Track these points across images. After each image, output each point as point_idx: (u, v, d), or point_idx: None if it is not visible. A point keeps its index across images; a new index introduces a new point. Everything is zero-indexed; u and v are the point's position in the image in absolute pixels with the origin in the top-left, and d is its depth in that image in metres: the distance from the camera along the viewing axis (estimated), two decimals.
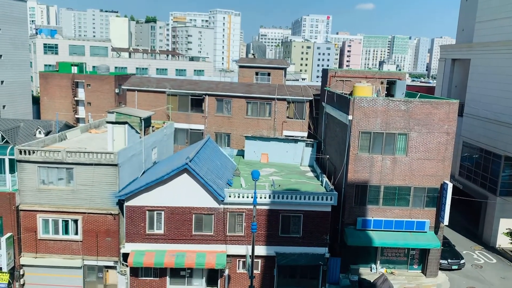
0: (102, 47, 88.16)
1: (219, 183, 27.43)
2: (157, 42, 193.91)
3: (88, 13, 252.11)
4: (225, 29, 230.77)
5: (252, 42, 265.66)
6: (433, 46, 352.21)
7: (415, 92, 36.12)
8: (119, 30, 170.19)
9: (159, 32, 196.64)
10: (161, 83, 43.56)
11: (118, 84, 59.71)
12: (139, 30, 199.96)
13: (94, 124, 37.38)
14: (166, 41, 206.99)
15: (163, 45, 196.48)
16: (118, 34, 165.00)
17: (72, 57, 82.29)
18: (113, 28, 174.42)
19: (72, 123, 58.26)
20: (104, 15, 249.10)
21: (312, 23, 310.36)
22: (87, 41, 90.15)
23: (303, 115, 41.61)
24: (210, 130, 42.52)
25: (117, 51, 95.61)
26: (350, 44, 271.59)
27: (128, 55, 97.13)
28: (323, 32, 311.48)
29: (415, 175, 28.12)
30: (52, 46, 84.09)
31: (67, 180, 26.23)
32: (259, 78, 48.30)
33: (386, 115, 27.51)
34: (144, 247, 26.59)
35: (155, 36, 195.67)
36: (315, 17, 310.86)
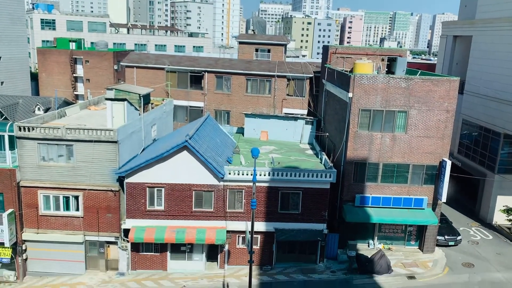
0: (100, 22, 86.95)
1: (219, 160, 27.55)
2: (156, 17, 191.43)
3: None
4: (225, 5, 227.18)
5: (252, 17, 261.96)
6: (435, 23, 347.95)
7: (416, 69, 35.90)
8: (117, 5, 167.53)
9: (157, 8, 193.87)
10: (160, 60, 43.20)
11: (117, 61, 59.17)
12: (137, 5, 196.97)
13: (93, 101, 37.25)
14: (165, 16, 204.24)
15: (162, 21, 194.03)
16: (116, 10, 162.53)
17: (70, 33, 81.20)
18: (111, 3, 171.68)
19: (71, 99, 57.97)
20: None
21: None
22: (85, 16, 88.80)
23: (303, 92, 41.43)
24: (209, 107, 42.40)
25: (116, 27, 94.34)
26: (351, 21, 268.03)
27: (126, 31, 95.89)
28: (324, 8, 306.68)
29: (414, 152, 28.21)
30: (49, 21, 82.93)
31: (67, 157, 26.31)
32: (259, 55, 47.85)
33: (386, 93, 27.41)
34: (145, 223, 26.90)
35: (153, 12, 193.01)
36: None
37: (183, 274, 27.39)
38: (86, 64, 59.88)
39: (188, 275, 27.35)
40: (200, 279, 26.97)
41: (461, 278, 27.08)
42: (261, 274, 27.45)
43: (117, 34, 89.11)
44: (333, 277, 27.12)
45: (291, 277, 27.17)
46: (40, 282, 26.97)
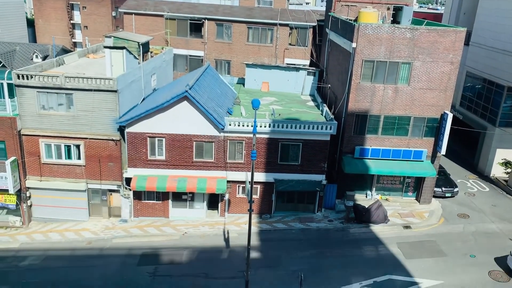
0: None
1: (219, 111, 27.43)
2: None
3: None
4: None
5: None
6: None
7: (422, 19, 34.89)
8: None
9: None
10: (159, 6, 41.97)
11: (115, 7, 57.54)
12: None
13: (91, 49, 36.58)
14: None
15: None
16: None
17: None
18: None
19: (69, 47, 56.98)
20: None
21: None
22: None
23: (305, 42, 40.55)
24: (210, 56, 41.69)
25: None
26: None
27: None
28: None
29: (416, 105, 28.03)
30: None
31: (67, 106, 26.18)
32: (261, 1, 46.46)
33: (391, 43, 26.81)
34: (146, 172, 27.23)
35: None
36: None
37: (184, 222, 28.10)
38: (83, 10, 58.31)
39: (190, 222, 28.05)
40: (201, 226, 27.69)
41: (455, 228, 27.76)
42: (261, 222, 28.14)
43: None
44: (330, 226, 27.82)
45: (289, 225, 27.87)
46: (45, 227, 27.73)
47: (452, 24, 42.05)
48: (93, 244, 25.85)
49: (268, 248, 25.43)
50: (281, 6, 44.75)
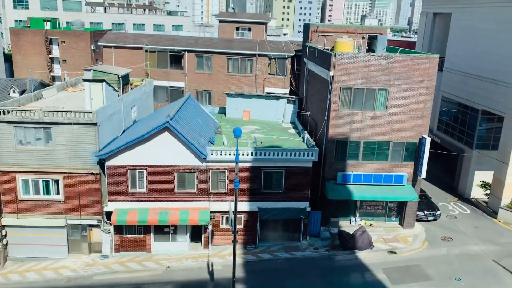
0: (75, 1, 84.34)
1: (201, 141, 27.38)
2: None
3: None
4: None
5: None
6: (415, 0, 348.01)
7: (396, 47, 35.96)
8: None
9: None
10: (138, 39, 42.30)
11: (94, 41, 57.72)
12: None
13: (70, 83, 36.40)
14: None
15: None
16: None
17: (44, 12, 78.66)
18: None
19: (47, 81, 56.53)
20: None
21: None
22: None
23: (284, 71, 41.24)
24: (190, 87, 41.92)
25: (92, 5, 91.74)
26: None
27: (103, 9, 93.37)
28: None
29: (394, 130, 28.51)
30: (22, 0, 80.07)
31: (45, 140, 25.76)
32: (240, 34, 47.30)
33: (367, 71, 27.46)
34: (127, 206, 26.72)
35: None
36: None
37: (167, 255, 27.46)
38: (62, 45, 58.27)
39: (172, 256, 27.43)
40: (185, 259, 27.10)
41: (439, 251, 27.83)
42: (245, 253, 27.71)
43: (93, 13, 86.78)
44: (316, 254, 27.56)
45: (275, 255, 27.50)
46: (22, 267, 26.71)
47: (426, 51, 43.44)
48: (73, 283, 24.95)
49: (254, 279, 24.96)
50: (260, 37, 45.63)
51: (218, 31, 48.20)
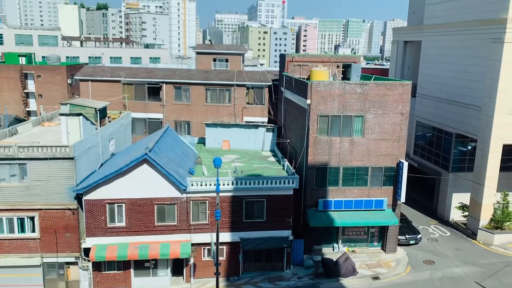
0: (51, 36, 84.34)
1: (180, 172, 27.17)
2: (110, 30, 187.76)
3: (34, 1, 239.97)
4: (180, 15, 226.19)
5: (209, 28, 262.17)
6: (386, 29, 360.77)
7: (370, 74, 37.00)
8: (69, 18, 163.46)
9: (111, 20, 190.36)
10: (115, 72, 42.31)
11: (71, 75, 57.45)
12: (90, 17, 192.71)
13: (46, 117, 35.91)
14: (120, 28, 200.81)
15: (116, 33, 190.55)
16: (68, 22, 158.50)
17: (19, 47, 78.19)
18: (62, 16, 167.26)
19: (22, 116, 55.69)
20: (52, 2, 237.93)
21: (268, 8, 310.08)
22: (34, 30, 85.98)
23: (262, 100, 41.72)
24: (169, 118, 41.87)
25: (68, 40, 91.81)
26: (306, 29, 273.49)
27: (79, 44, 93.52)
28: (279, 17, 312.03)
29: (372, 155, 28.95)
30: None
31: (20, 176, 25.14)
32: (217, 65, 47.87)
33: (343, 98, 28.05)
34: (106, 241, 26.05)
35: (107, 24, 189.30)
36: (271, 2, 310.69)
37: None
38: (37, 79, 57.74)
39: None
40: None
41: (422, 275, 27.88)
42: (228, 285, 27.18)
43: (69, 48, 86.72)
44: (300, 283, 27.23)
45: (259, 286, 27.03)
46: None
47: (398, 78, 44.78)
48: None
49: None
50: (237, 68, 46.28)
51: (195, 63, 48.67)
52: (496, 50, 30.34)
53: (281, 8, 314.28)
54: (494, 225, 32.29)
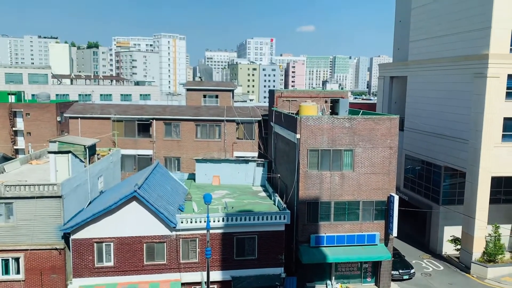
0: (41, 74, 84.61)
1: (170, 209, 26.82)
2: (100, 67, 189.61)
3: (25, 40, 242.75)
4: (171, 53, 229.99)
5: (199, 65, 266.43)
6: (372, 65, 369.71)
7: (358, 109, 37.55)
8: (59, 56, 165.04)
9: (102, 58, 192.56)
10: (105, 109, 42.40)
11: (60, 112, 57.44)
12: (80, 56, 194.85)
13: (35, 155, 35.56)
14: (110, 66, 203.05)
15: (107, 71, 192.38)
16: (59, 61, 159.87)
17: (9, 85, 78.22)
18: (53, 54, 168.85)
19: (10, 155, 55.04)
20: (43, 41, 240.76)
21: (256, 45, 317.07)
22: (25, 68, 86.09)
23: (252, 135, 41.92)
24: (159, 155, 41.73)
25: (58, 78, 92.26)
26: (294, 65, 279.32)
27: (70, 81, 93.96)
28: (268, 54, 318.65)
29: (363, 189, 28.95)
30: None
31: (6, 216, 24.59)
32: (207, 101, 48.28)
33: (332, 133, 28.31)
34: (94, 282, 25.27)
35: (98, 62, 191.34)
36: (259, 40, 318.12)
37: None
38: (26, 117, 57.57)
39: None
40: None
41: None
42: None
43: (60, 85, 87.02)
44: None
45: None
46: None
47: (386, 112, 45.51)
48: None
49: None
50: (227, 103, 46.72)
51: (186, 99, 49.06)
52: (480, 85, 31.14)
53: (269, 46, 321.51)
54: (487, 258, 32.09)
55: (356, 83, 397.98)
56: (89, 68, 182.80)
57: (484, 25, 31.06)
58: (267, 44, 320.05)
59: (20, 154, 56.49)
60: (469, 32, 32.79)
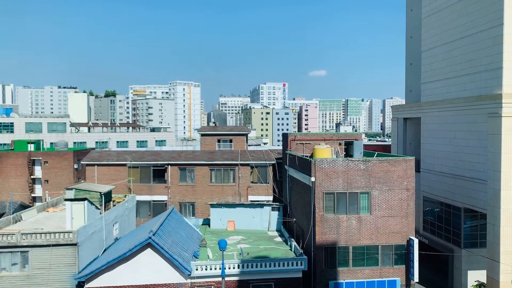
0: (60, 123, 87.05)
1: (185, 256, 26.47)
2: (117, 115, 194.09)
3: (45, 90, 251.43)
4: (186, 100, 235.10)
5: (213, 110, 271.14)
6: (385, 107, 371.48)
7: (373, 151, 37.36)
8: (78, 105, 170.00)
9: (119, 106, 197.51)
10: (121, 156, 43.00)
11: (77, 159, 58.46)
12: (98, 104, 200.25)
13: (51, 203, 35.89)
14: (127, 113, 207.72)
15: (124, 118, 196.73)
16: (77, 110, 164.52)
17: (29, 134, 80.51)
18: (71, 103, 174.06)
19: (28, 202, 55.73)
20: (62, 91, 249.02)
21: (269, 90, 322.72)
22: (44, 117, 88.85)
23: (267, 179, 41.80)
24: (173, 200, 41.71)
25: (76, 126, 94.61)
26: (307, 109, 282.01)
27: (87, 129, 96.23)
28: (281, 98, 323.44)
29: (381, 233, 28.28)
30: (7, 124, 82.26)
31: (21, 265, 24.53)
32: (221, 145, 48.73)
33: (347, 175, 28.08)
34: None
35: (115, 110, 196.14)
36: (272, 85, 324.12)
37: None
38: (44, 165, 58.66)
39: None
40: None
41: None
42: None
43: (77, 133, 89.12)
44: None
45: None
46: None
47: (401, 153, 45.16)
48: None
49: None
50: (241, 147, 47.05)
51: (200, 144, 49.61)
52: (495, 124, 30.90)
53: (282, 90, 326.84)
54: None
55: (370, 125, 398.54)
56: (106, 116, 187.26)
57: (495, 65, 31.24)
58: (280, 89, 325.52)
59: (38, 202, 57.12)
60: (481, 72, 32.97)
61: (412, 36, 47.37)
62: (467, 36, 34.71)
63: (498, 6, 30.88)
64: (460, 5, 35.71)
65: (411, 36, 47.57)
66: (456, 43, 36.43)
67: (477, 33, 33.31)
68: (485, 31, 32.38)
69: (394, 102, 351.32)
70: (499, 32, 30.78)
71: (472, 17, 34.00)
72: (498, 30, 30.85)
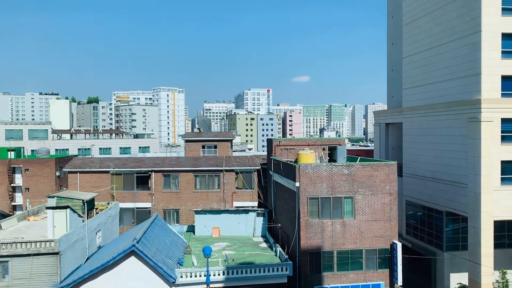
0: (41, 130, 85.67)
1: (169, 263, 26.26)
2: (100, 122, 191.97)
3: (26, 97, 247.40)
4: (169, 106, 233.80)
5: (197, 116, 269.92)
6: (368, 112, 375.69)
7: (356, 155, 37.73)
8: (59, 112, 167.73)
9: (101, 112, 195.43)
10: (104, 163, 42.51)
11: (59, 167, 57.56)
12: (81, 111, 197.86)
13: (32, 211, 35.25)
14: (110, 120, 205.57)
15: (107, 125, 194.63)
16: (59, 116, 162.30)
17: (9, 142, 79.00)
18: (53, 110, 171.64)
19: (7, 211, 54.53)
20: (44, 98, 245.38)
21: (253, 96, 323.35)
22: (25, 124, 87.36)
23: (252, 184, 41.80)
24: (157, 207, 41.36)
25: (58, 133, 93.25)
26: (291, 114, 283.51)
27: (69, 136, 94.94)
28: (265, 104, 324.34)
29: (365, 237, 28.52)
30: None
31: (1, 275, 24.01)
32: (206, 151, 48.58)
33: (331, 180, 28.29)
34: None
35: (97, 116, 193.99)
36: (256, 91, 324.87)
37: None
38: (25, 173, 57.58)
39: None
40: None
41: None
42: None
43: (59, 140, 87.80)
44: None
45: None
46: None
47: (383, 158, 45.68)
48: None
49: None
50: (225, 153, 46.98)
51: (184, 150, 49.36)
52: (475, 129, 31.55)
53: (266, 96, 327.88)
54: None
55: (353, 130, 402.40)
56: (89, 123, 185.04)
57: (474, 71, 31.94)
58: (264, 95, 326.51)
59: (18, 211, 56.02)
60: (460, 78, 33.66)
61: (393, 43, 48.18)
62: (446, 43, 35.45)
63: (476, 14, 31.64)
64: (439, 12, 36.48)
65: (392, 43, 48.37)
66: (435, 50, 37.16)
67: (456, 40, 34.04)
68: (463, 38, 33.12)
69: (377, 107, 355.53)
70: (477, 39, 31.52)
71: (451, 24, 34.75)
72: (476, 37, 31.59)
